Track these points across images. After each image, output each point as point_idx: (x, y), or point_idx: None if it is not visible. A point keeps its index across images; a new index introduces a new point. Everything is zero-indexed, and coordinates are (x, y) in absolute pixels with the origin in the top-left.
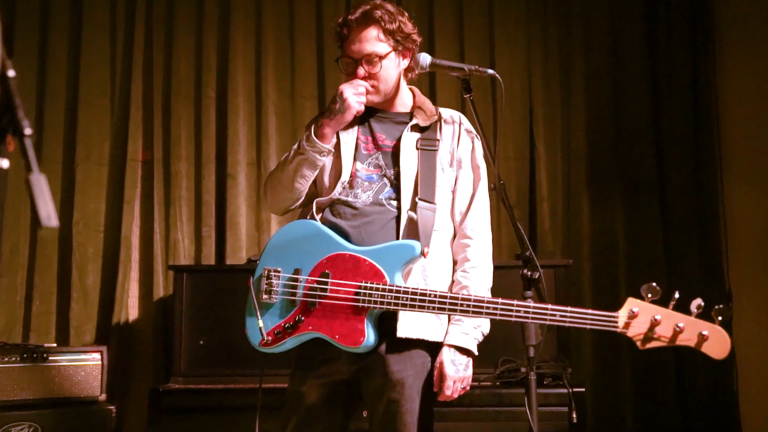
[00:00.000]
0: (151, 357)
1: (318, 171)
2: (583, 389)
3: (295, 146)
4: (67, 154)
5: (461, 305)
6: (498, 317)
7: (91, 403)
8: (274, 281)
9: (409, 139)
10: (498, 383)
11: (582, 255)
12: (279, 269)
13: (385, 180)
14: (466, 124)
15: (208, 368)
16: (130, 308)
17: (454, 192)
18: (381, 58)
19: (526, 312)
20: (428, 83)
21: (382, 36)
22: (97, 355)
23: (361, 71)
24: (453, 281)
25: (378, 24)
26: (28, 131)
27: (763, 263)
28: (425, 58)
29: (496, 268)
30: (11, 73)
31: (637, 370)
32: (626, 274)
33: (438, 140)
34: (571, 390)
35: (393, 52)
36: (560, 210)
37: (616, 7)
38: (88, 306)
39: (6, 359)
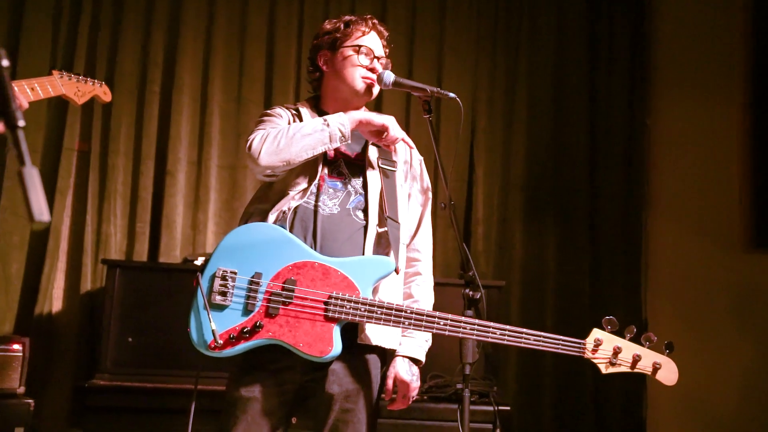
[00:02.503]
0: (74, 352)
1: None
2: (509, 407)
3: (320, 120)
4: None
5: (437, 323)
6: (474, 337)
7: (8, 396)
8: (230, 282)
9: (372, 155)
10: (426, 397)
11: (512, 279)
12: (236, 270)
13: (350, 188)
14: (415, 148)
15: (136, 367)
16: (55, 300)
17: (407, 209)
18: (383, 62)
19: (502, 334)
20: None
21: (385, 48)
22: (18, 347)
23: (377, 63)
24: (405, 293)
25: (385, 40)
26: (21, 123)
27: (679, 296)
28: (388, 77)
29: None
30: (5, 62)
31: (557, 391)
32: (554, 300)
33: (395, 161)
34: (497, 408)
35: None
36: (494, 234)
37: (560, 44)
38: (9, 295)
39: None
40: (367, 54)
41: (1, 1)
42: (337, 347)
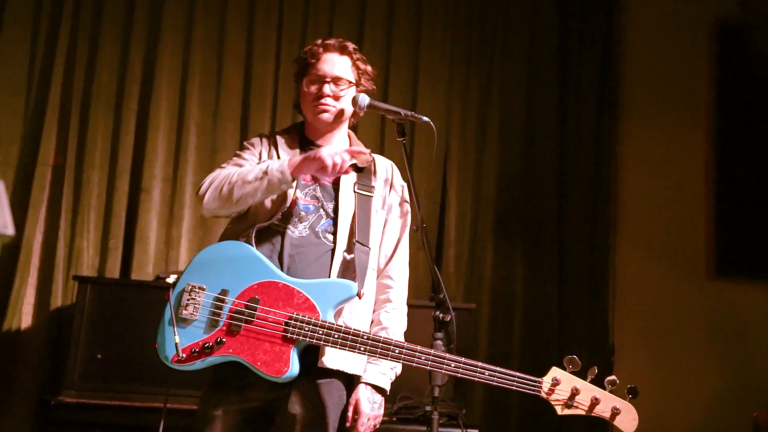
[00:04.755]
0: (41, 367)
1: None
2: (477, 430)
3: (259, 170)
4: None
5: (393, 351)
6: (429, 368)
7: None
8: (198, 298)
9: (347, 179)
10: (395, 419)
11: (482, 300)
12: (204, 286)
13: (322, 212)
14: (398, 174)
15: (104, 383)
16: (24, 315)
17: (382, 234)
18: (348, 84)
19: (457, 366)
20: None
21: (352, 69)
22: None
23: (327, 89)
24: (373, 320)
25: (351, 56)
26: None
27: (645, 321)
28: (363, 99)
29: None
30: None
31: (523, 413)
32: (522, 321)
33: (373, 187)
34: (465, 430)
35: (353, 87)
36: (465, 255)
37: (531, 70)
38: None
39: None
40: (314, 81)
41: None
42: (293, 369)
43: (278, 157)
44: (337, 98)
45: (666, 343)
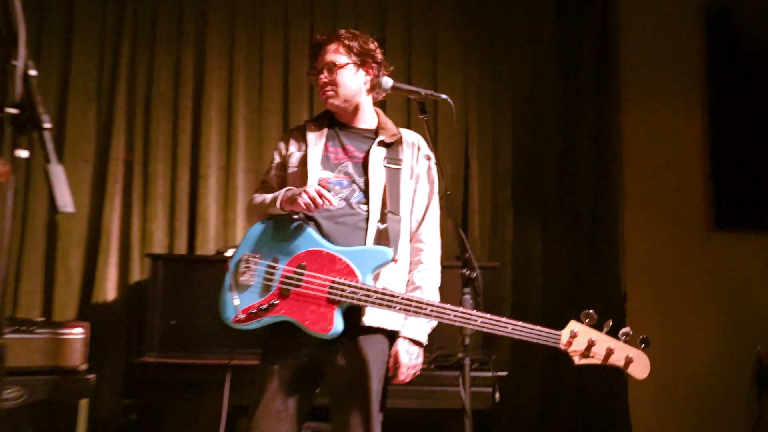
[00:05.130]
0: (126, 334)
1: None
2: (506, 373)
3: (271, 198)
4: (56, 151)
5: (424, 309)
6: (457, 324)
7: (73, 372)
8: (253, 266)
9: (377, 154)
10: (433, 366)
11: (505, 260)
12: (258, 256)
13: (355, 186)
14: (424, 145)
15: (178, 345)
16: (108, 290)
17: (412, 202)
18: (338, 66)
19: (482, 322)
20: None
21: (341, 50)
22: (80, 330)
23: (322, 77)
24: (408, 281)
25: (339, 40)
26: (46, 125)
27: (653, 272)
28: (387, 82)
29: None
30: (33, 72)
31: (547, 359)
32: (541, 279)
33: (401, 159)
34: (495, 374)
35: (351, 65)
36: (488, 221)
37: (535, 53)
38: (70, 287)
39: None
40: (313, 75)
41: (54, 28)
42: (337, 326)
43: (306, 145)
44: (334, 83)
45: (672, 292)
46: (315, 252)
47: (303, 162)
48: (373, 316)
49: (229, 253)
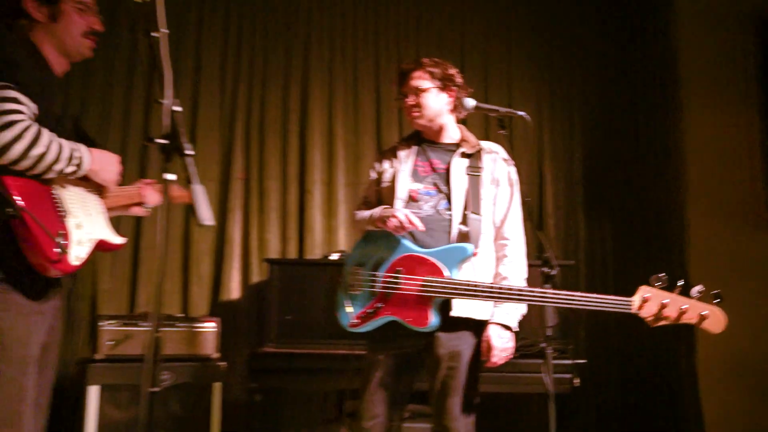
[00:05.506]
0: (249, 328)
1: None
2: (585, 360)
3: (368, 216)
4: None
5: (507, 293)
6: (537, 303)
7: (208, 360)
8: (358, 276)
9: (458, 164)
10: (517, 354)
11: (579, 258)
12: (362, 267)
13: (442, 194)
14: (503, 153)
15: (294, 338)
16: (232, 290)
17: (494, 204)
18: (422, 90)
19: (560, 298)
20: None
21: (425, 75)
22: (213, 324)
23: (408, 101)
24: (496, 273)
25: (422, 67)
26: (189, 152)
27: (717, 268)
28: (469, 102)
29: None
30: (177, 108)
31: (623, 345)
32: (612, 275)
33: (481, 167)
34: (575, 361)
35: (434, 88)
36: (562, 224)
37: (604, 66)
38: (202, 287)
39: (146, 324)
40: (400, 99)
41: (183, 69)
42: (434, 321)
43: (397, 162)
44: (419, 105)
45: (734, 283)
46: (407, 257)
47: (395, 177)
48: (460, 308)
49: (334, 257)
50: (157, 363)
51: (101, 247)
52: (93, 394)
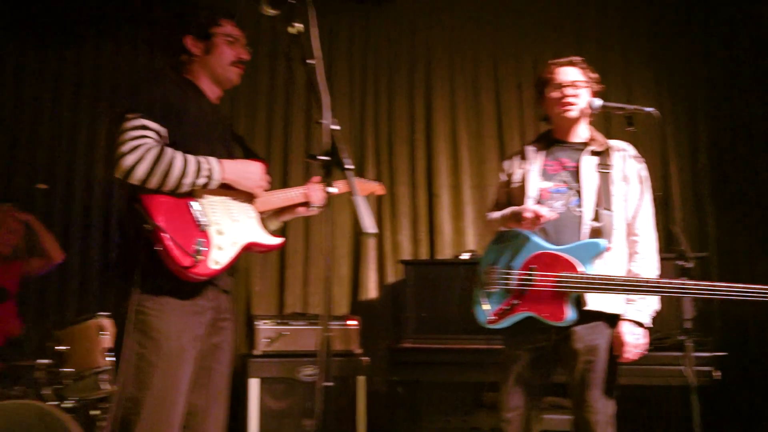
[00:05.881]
0: (387, 325)
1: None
2: (726, 353)
3: (500, 216)
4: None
5: (644, 286)
6: (675, 294)
7: (352, 355)
8: (493, 275)
9: (588, 162)
10: (651, 347)
11: (711, 250)
12: (496, 266)
13: (572, 192)
14: (633, 151)
15: (430, 333)
16: (370, 290)
17: (625, 201)
18: (580, 85)
19: (702, 288)
20: None
21: (581, 74)
22: (355, 322)
23: (568, 90)
24: (628, 270)
25: (579, 66)
26: (349, 167)
27: None
28: (596, 102)
29: None
30: (336, 127)
31: (761, 335)
32: (745, 265)
33: (611, 165)
34: (714, 354)
35: (587, 88)
36: (690, 216)
37: (728, 64)
38: (342, 288)
39: (298, 323)
40: (555, 89)
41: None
42: (570, 315)
43: (527, 162)
44: (575, 97)
45: None
46: (541, 254)
47: (525, 177)
48: (594, 301)
49: (464, 256)
50: (329, 359)
51: (254, 248)
52: (254, 386)
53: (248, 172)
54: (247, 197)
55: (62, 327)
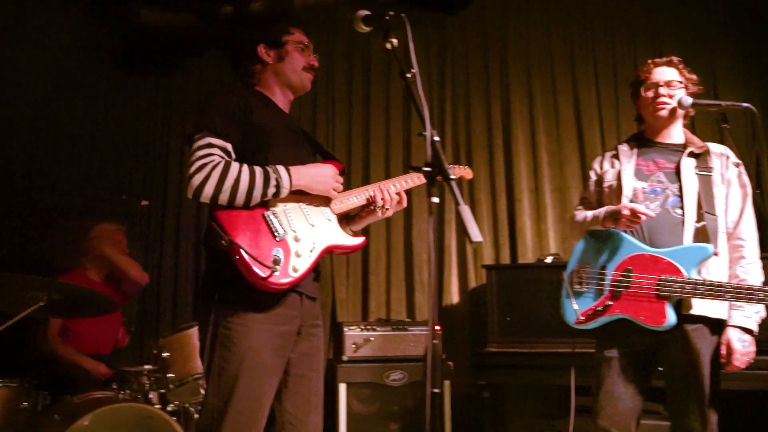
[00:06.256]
0: (470, 329)
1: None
2: None
3: (592, 216)
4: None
5: (756, 294)
6: None
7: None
8: (584, 275)
9: (688, 164)
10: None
11: None
12: (587, 266)
13: (668, 192)
14: (732, 155)
15: (514, 337)
16: (452, 295)
17: (726, 205)
18: (678, 85)
19: None
20: None
21: (678, 74)
22: (438, 327)
23: (661, 90)
24: (731, 275)
25: (677, 67)
26: (453, 177)
27: None
28: (687, 100)
29: None
30: (437, 138)
31: None
32: None
33: (711, 167)
34: None
35: (683, 89)
36: None
37: None
38: (425, 294)
39: (382, 329)
40: (649, 88)
41: (394, 95)
42: (671, 319)
43: (619, 162)
44: (670, 97)
45: None
46: (638, 256)
47: (618, 176)
48: (699, 306)
49: (548, 260)
50: (436, 366)
51: (336, 251)
52: (342, 391)
53: (319, 175)
54: (324, 200)
55: (164, 336)
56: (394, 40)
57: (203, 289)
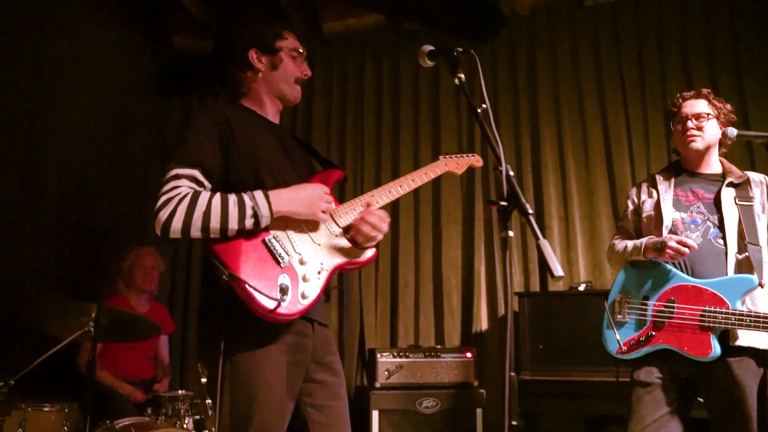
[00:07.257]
0: (498, 357)
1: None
2: None
3: (633, 246)
4: (434, 216)
5: None
6: None
7: (468, 387)
8: (626, 305)
9: (728, 194)
10: None
11: None
12: (629, 296)
13: (709, 223)
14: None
15: (548, 365)
16: (482, 321)
17: None
18: (706, 117)
19: None
20: None
21: (708, 105)
22: (470, 354)
23: (690, 123)
24: None
25: (707, 98)
26: (530, 211)
27: None
28: (732, 131)
29: None
30: (511, 173)
31: None
32: None
33: (752, 197)
34: None
35: (715, 119)
36: None
37: None
38: (453, 320)
39: (414, 356)
40: (680, 121)
41: (423, 127)
42: (716, 350)
43: (657, 192)
44: (699, 129)
45: None
46: (681, 287)
47: (657, 206)
48: (745, 337)
49: (581, 288)
50: (514, 400)
51: (346, 268)
52: (375, 418)
53: (304, 198)
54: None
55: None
56: (462, 76)
57: (207, 323)
